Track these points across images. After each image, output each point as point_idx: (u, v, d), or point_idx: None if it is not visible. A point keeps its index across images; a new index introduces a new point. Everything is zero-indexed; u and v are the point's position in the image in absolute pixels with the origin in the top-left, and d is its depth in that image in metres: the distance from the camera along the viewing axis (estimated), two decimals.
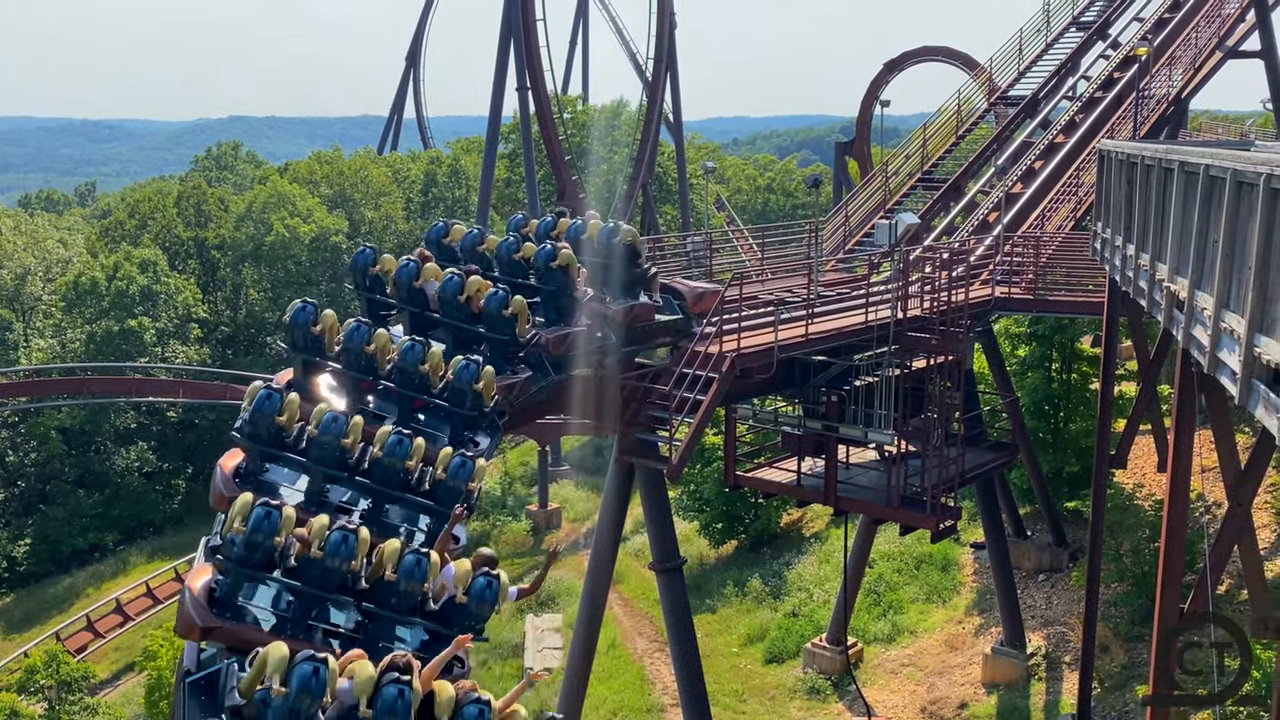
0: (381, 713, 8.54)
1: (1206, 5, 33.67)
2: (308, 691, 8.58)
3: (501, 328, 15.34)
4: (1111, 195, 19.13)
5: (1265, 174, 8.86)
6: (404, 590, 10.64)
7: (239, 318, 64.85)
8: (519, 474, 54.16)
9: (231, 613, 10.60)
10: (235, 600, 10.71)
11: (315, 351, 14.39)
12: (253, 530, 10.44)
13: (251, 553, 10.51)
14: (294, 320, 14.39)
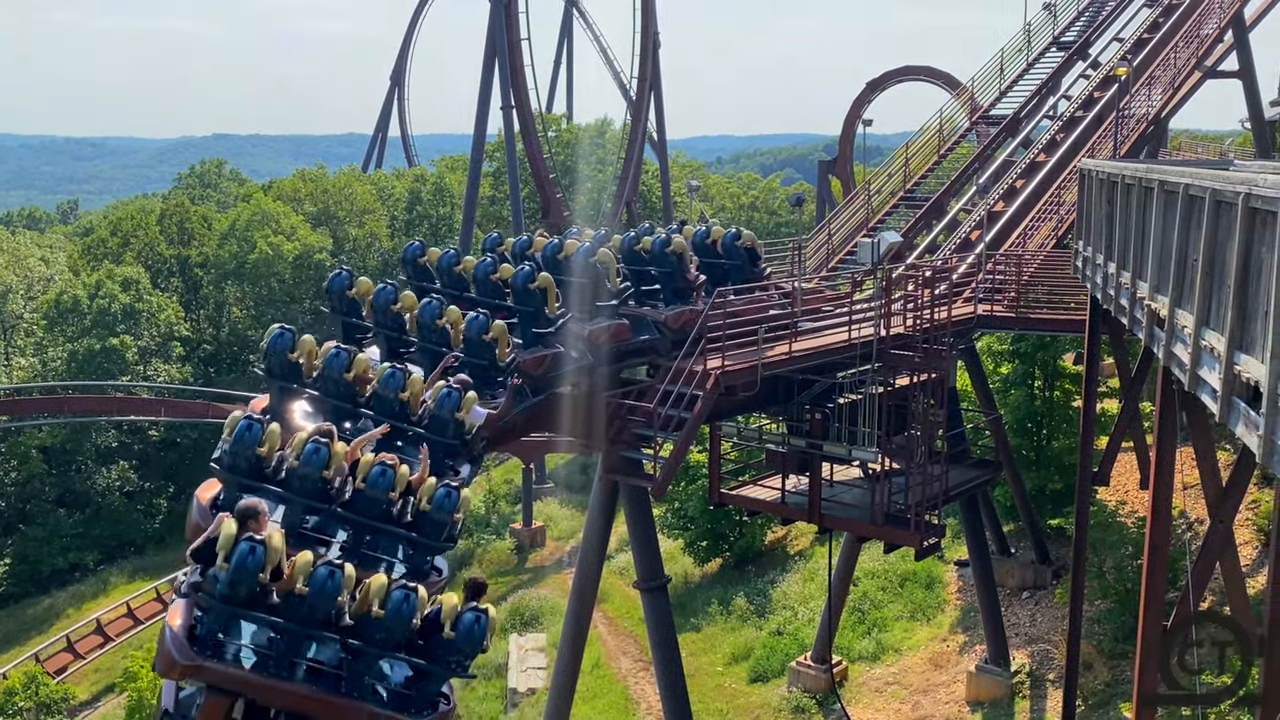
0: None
1: (1185, 26, 34.03)
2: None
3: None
4: (1092, 214, 19.25)
5: (1243, 193, 8.92)
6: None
7: (221, 336, 64.62)
8: (503, 492, 54.00)
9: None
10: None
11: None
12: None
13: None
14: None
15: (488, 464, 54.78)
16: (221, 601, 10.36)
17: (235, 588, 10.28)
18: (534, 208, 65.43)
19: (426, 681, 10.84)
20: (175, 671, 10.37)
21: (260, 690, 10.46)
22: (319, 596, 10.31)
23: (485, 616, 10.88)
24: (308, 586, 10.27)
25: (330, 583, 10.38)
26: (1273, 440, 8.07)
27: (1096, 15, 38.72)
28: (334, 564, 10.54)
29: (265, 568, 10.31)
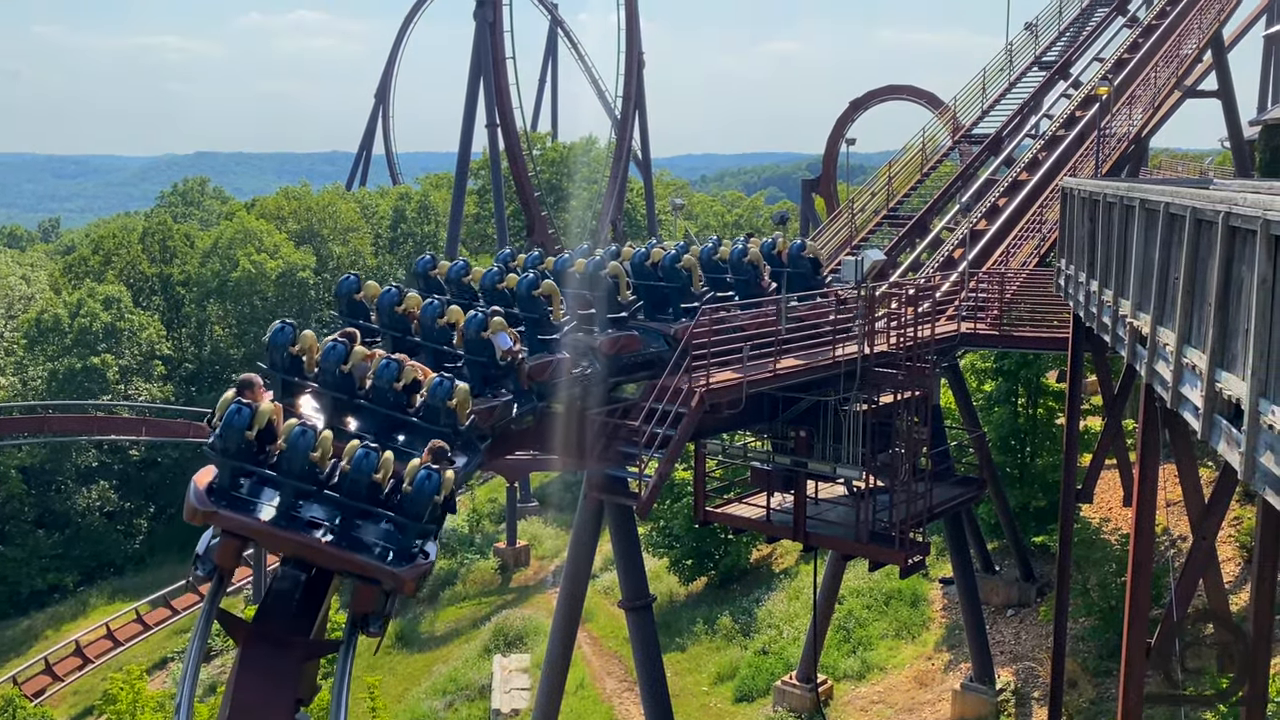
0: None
1: (1165, 46, 34.34)
2: None
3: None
4: (1074, 232, 19.35)
5: (1223, 212, 8.97)
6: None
7: (203, 355, 64.29)
8: (487, 511, 53.76)
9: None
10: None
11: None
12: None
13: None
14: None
15: (472, 484, 54.59)
16: (220, 455, 12.52)
17: (226, 441, 12.49)
18: (519, 226, 65.45)
19: (403, 536, 12.48)
20: (196, 517, 12.58)
21: (263, 536, 12.53)
22: (293, 450, 12.33)
23: (436, 474, 12.55)
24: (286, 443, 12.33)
25: (303, 440, 12.35)
26: (1254, 457, 8.09)
27: (1077, 35, 39.07)
28: (307, 425, 12.50)
29: (253, 426, 12.44)
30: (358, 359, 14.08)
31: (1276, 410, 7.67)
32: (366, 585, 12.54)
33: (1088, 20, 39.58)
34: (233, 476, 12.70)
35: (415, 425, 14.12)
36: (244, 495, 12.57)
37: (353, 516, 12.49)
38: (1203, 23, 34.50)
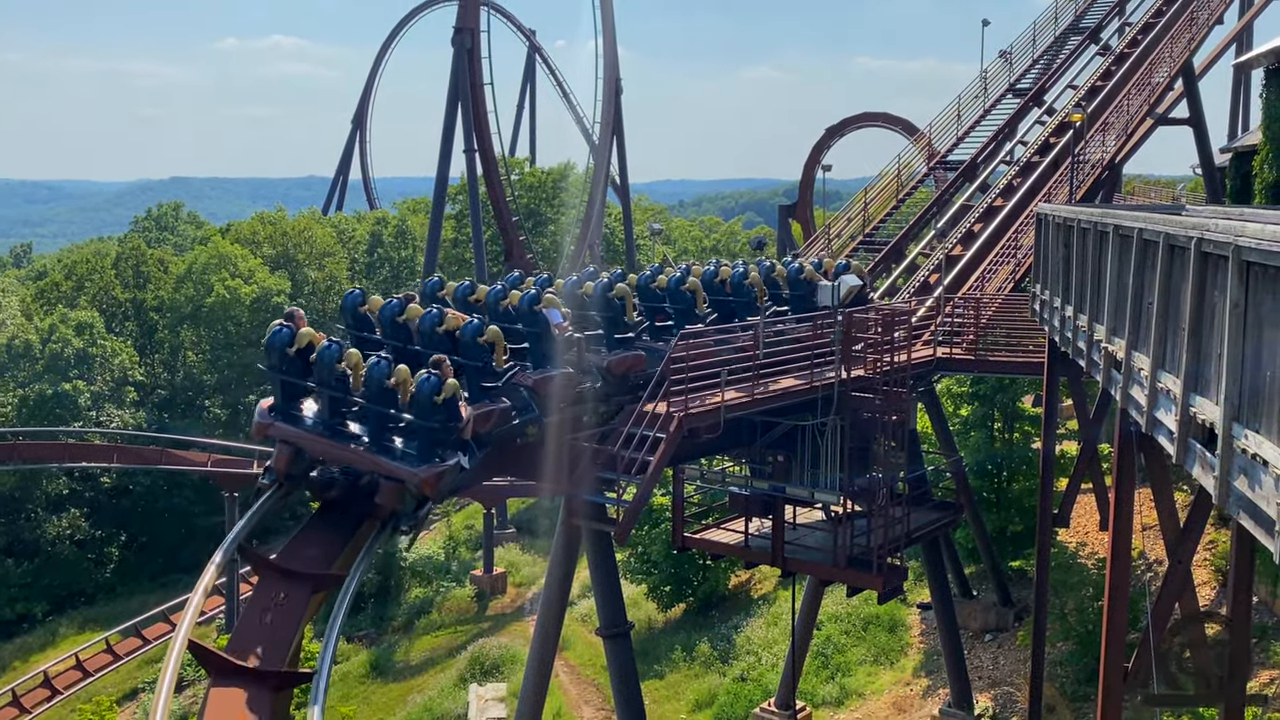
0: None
1: (1137, 74, 34.75)
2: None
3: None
4: (1049, 257, 19.47)
5: (1196, 238, 9.02)
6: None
7: (176, 380, 63.70)
8: (463, 538, 53.41)
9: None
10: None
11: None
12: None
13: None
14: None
15: (448, 510, 54.25)
16: (268, 370, 15.86)
17: (270, 357, 15.64)
18: (496, 250, 65.40)
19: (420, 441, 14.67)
20: (258, 432, 15.74)
21: (307, 441, 15.18)
22: (322, 361, 15.12)
23: (435, 376, 14.61)
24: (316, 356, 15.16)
25: (328, 352, 15.15)
26: (1228, 481, 8.10)
27: (1051, 63, 39.51)
28: (334, 341, 15.31)
29: (293, 344, 15.29)
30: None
31: (1250, 435, 7.68)
32: (391, 484, 14.60)
33: (1061, 48, 40.04)
34: (286, 397, 15.60)
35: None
36: (296, 413, 15.54)
37: (382, 426, 15.01)
38: (1174, 52, 34.95)
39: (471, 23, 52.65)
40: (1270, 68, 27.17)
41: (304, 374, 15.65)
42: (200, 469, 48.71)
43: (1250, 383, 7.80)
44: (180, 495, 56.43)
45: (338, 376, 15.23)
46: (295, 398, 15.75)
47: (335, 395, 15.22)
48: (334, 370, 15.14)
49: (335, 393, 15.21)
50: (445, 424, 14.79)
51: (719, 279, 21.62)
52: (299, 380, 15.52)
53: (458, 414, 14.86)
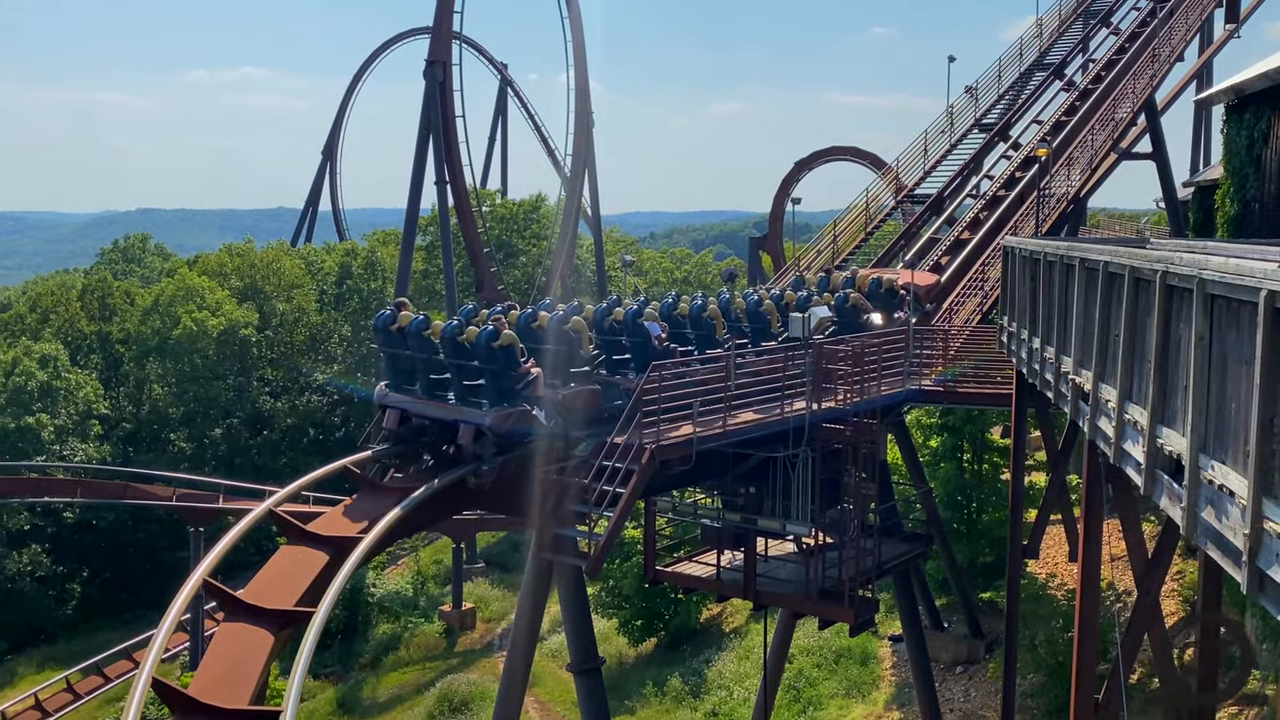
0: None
1: (1100, 110, 35.30)
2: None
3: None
4: (1016, 290, 19.64)
5: (1161, 271, 9.12)
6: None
7: (142, 414, 62.93)
8: (432, 573, 52.90)
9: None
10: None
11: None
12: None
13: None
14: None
15: (416, 544, 53.76)
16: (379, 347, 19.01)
17: (377, 335, 18.86)
18: (467, 282, 65.27)
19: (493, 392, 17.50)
20: (377, 401, 18.35)
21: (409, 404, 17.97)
22: (412, 331, 18.14)
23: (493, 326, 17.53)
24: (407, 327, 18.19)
25: (415, 322, 18.18)
26: (1195, 512, 8.14)
27: (1016, 99, 40.08)
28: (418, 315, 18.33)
29: (395, 323, 18.21)
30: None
31: (1216, 465, 7.74)
32: (469, 426, 17.15)
33: (1026, 84, 40.64)
34: (394, 371, 18.58)
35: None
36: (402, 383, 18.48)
37: (467, 388, 17.73)
38: (1136, 88, 35.55)
39: (443, 56, 52.76)
40: (1230, 104, 27.68)
41: (403, 347, 18.53)
42: (165, 503, 48.04)
43: (1216, 414, 7.86)
44: (145, 530, 55.63)
45: (426, 343, 18.14)
46: (400, 371, 18.63)
47: (425, 359, 18.05)
48: (422, 338, 18.07)
49: (421, 354, 18.05)
50: (507, 371, 17.42)
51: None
52: (400, 351, 18.41)
53: (516, 361, 17.56)
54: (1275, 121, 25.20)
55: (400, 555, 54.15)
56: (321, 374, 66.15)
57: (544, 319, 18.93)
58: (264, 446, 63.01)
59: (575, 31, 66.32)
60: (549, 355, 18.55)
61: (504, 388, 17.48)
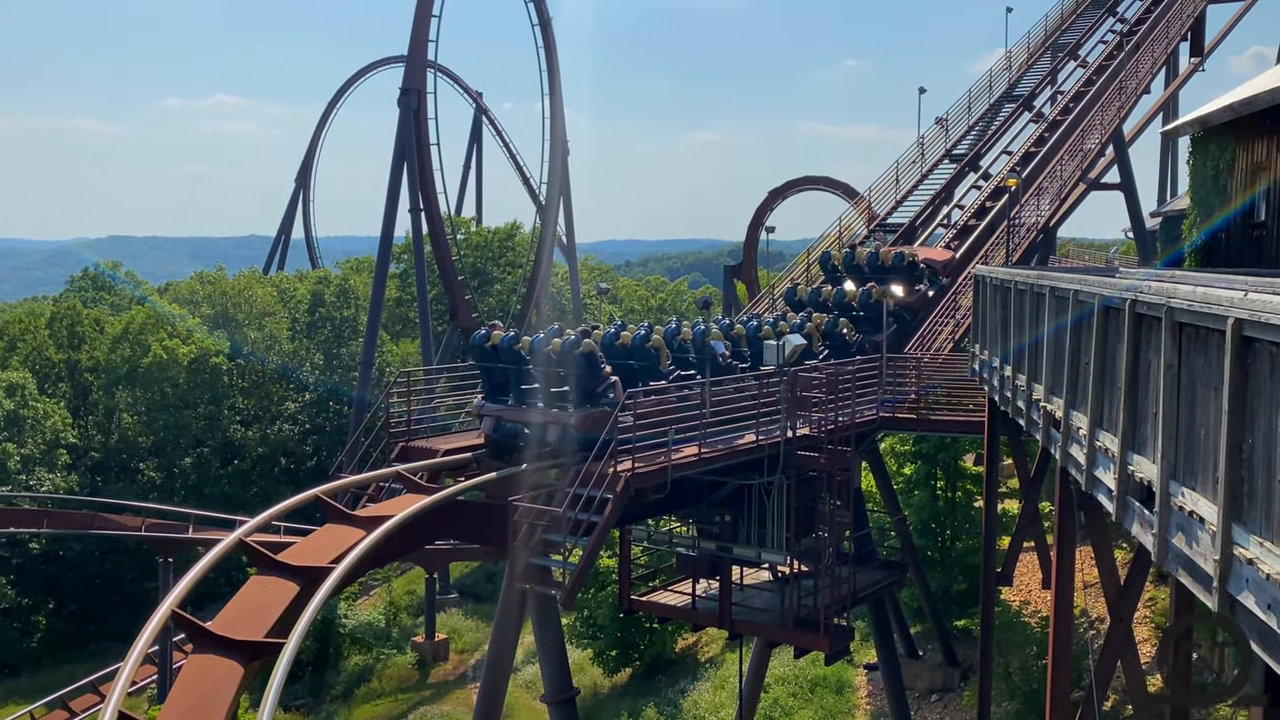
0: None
1: (1069, 141, 35.79)
2: None
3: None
4: (987, 318, 19.80)
5: (1130, 299, 9.22)
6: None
7: (110, 443, 62.19)
8: (405, 604, 52.39)
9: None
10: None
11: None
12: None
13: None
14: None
15: (389, 574, 53.28)
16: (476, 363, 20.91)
17: (473, 354, 20.94)
18: (441, 310, 65.15)
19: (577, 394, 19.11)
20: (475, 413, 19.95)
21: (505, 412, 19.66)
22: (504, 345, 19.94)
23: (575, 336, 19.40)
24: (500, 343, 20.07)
25: (507, 338, 20.10)
26: (1166, 539, 8.19)
27: (986, 130, 40.57)
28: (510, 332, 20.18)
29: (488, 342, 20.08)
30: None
31: (1186, 492, 7.79)
32: (557, 427, 18.74)
33: (995, 115, 41.17)
34: (490, 385, 20.43)
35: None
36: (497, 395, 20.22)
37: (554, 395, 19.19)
38: (1104, 120, 36.08)
39: (418, 84, 52.90)
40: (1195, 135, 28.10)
41: (496, 361, 20.44)
42: (134, 533, 47.40)
43: (1185, 441, 7.93)
44: (113, 561, 54.85)
45: (517, 357, 19.98)
46: (494, 384, 20.49)
47: (516, 370, 19.90)
48: (513, 352, 19.91)
49: (513, 366, 19.90)
50: (589, 376, 19.01)
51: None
52: (494, 365, 20.29)
53: (598, 368, 19.20)
54: (1240, 153, 25.62)
55: (373, 585, 53.64)
56: (293, 402, 65.72)
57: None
58: (234, 476, 62.40)
59: (550, 60, 66.64)
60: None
61: (587, 391, 19.07)
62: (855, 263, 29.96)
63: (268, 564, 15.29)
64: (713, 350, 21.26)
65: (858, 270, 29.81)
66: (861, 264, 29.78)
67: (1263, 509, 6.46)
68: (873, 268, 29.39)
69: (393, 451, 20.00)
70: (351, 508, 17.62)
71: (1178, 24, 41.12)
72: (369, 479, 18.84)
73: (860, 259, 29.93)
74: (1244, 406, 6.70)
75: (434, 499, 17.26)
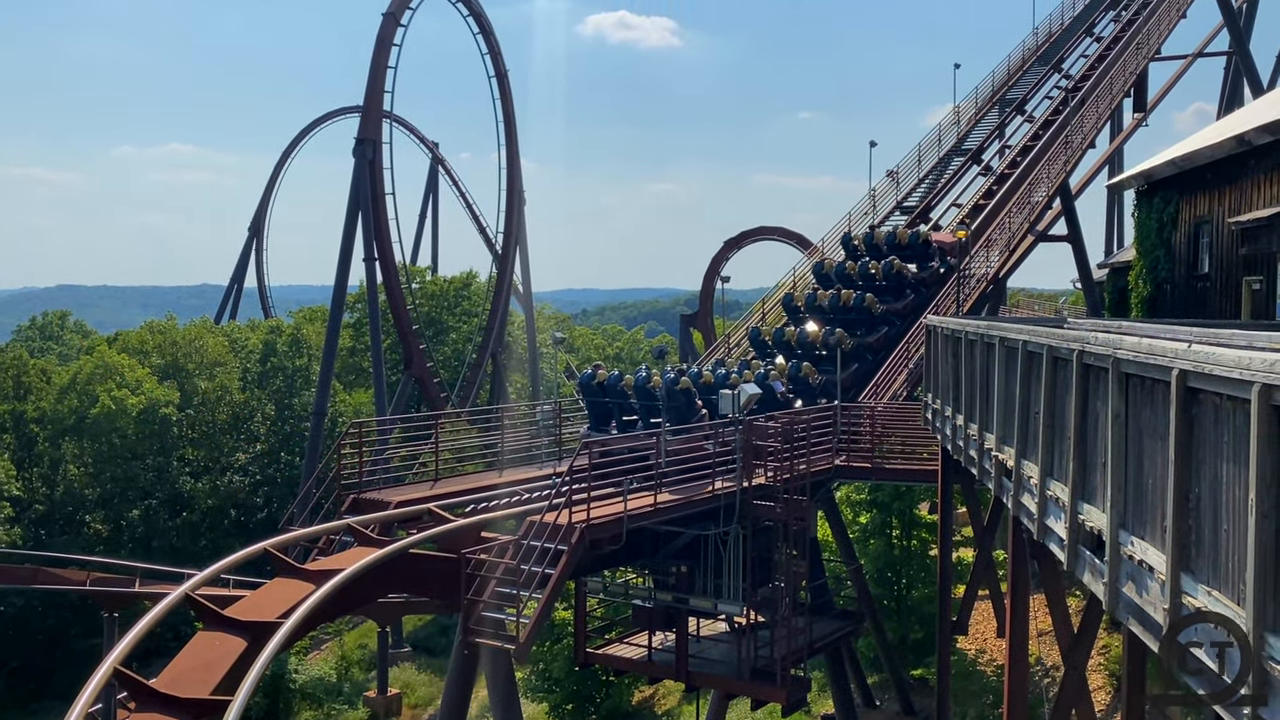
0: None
1: (1017, 194, 36.45)
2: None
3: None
4: (939, 368, 20.00)
5: (1078, 350, 9.35)
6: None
7: (56, 496, 60.85)
8: (356, 658, 51.44)
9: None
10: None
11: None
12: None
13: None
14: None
15: (341, 628, 52.38)
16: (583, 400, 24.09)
17: (582, 393, 24.04)
18: (396, 359, 64.74)
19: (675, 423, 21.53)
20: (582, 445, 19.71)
21: (611, 442, 20.58)
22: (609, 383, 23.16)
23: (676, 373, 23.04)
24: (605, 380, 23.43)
25: (612, 376, 23.46)
26: (1116, 588, 8.25)
27: (936, 182, 41.24)
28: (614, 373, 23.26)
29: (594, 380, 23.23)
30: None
31: (1136, 541, 7.86)
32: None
33: (945, 168, 41.88)
34: (595, 418, 23.63)
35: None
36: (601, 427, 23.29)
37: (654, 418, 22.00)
38: (1051, 173, 36.83)
39: (373, 134, 52.93)
40: (1140, 189, 28.79)
41: (601, 397, 23.65)
42: (78, 588, 46.26)
43: (1134, 490, 8.02)
44: (56, 616, 53.43)
45: (620, 393, 23.16)
46: (599, 416, 23.71)
47: (619, 404, 23.02)
48: (617, 389, 23.05)
49: (615, 400, 23.05)
50: (688, 406, 22.00)
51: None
52: (600, 400, 23.43)
53: (693, 401, 22.22)
54: (1183, 206, 26.26)
55: (324, 639, 52.65)
56: (244, 453, 64.76)
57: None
58: (183, 528, 61.22)
59: (507, 111, 67.04)
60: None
61: (684, 419, 21.57)
62: (874, 242, 33.51)
63: (214, 619, 14.99)
64: (773, 389, 24.26)
65: (876, 249, 33.26)
66: (880, 243, 33.35)
67: (1210, 558, 6.53)
68: (891, 246, 33.11)
69: (344, 503, 19.74)
70: (302, 561, 17.34)
71: (1121, 80, 42.20)
72: (319, 531, 18.56)
73: (879, 239, 33.50)
74: (1190, 456, 6.79)
75: (385, 552, 17.02)
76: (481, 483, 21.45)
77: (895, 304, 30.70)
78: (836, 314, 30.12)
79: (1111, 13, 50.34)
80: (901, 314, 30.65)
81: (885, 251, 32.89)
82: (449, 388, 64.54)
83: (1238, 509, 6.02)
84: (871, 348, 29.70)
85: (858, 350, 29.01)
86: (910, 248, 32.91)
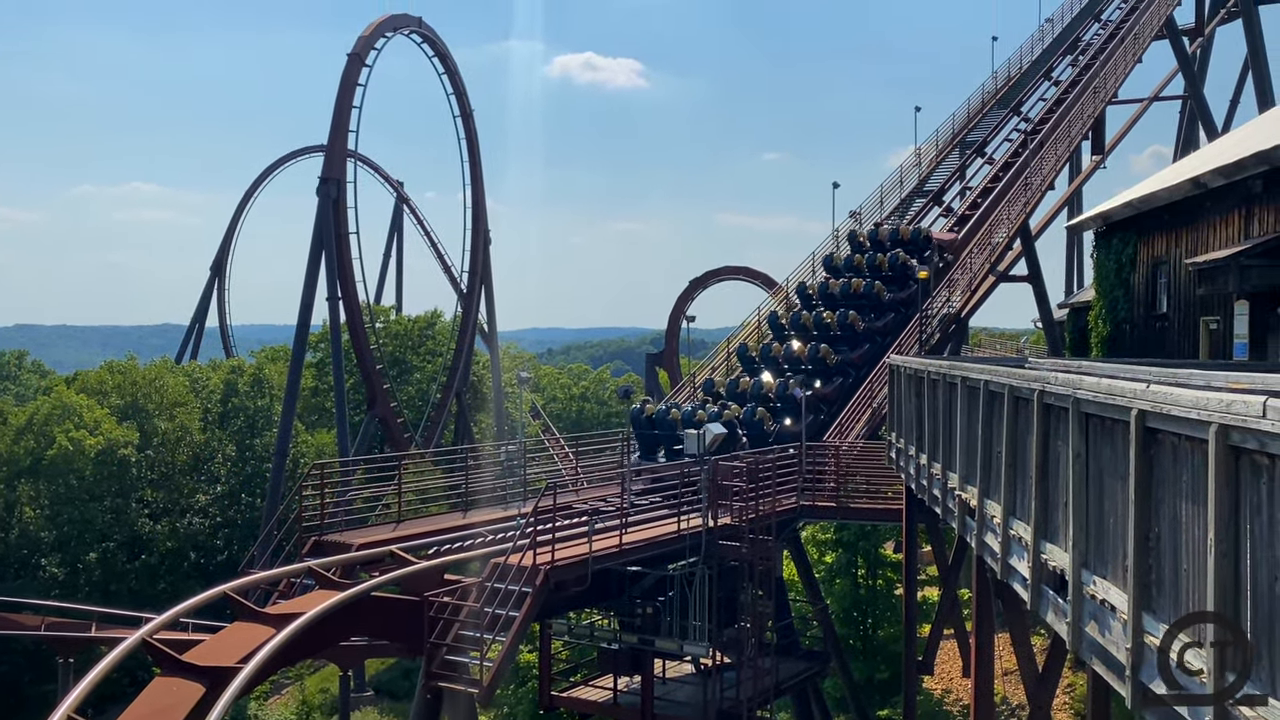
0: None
1: (978, 234, 36.92)
2: None
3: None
4: (902, 407, 20.11)
5: (1038, 390, 9.44)
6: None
7: (10, 538, 59.61)
8: (318, 702, 50.52)
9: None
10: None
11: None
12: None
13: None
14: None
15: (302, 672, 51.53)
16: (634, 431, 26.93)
17: (632, 425, 26.93)
18: (359, 399, 64.24)
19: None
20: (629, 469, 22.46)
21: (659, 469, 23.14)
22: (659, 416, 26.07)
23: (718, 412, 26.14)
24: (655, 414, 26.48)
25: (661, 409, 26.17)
26: (1079, 627, 8.27)
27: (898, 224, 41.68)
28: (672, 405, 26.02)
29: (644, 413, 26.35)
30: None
31: (1098, 580, 7.90)
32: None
33: (907, 210, 42.37)
34: (644, 448, 26.20)
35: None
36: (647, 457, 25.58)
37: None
38: (1011, 214, 37.35)
39: (337, 173, 52.86)
40: (1099, 230, 29.25)
41: (650, 428, 26.39)
42: (33, 633, 45.21)
43: (1096, 530, 8.06)
44: (8, 662, 52.15)
45: (669, 425, 25.62)
46: (647, 446, 26.22)
47: (667, 435, 25.40)
48: (666, 421, 25.76)
49: (664, 432, 25.59)
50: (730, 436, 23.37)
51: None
52: (649, 432, 26.10)
53: (736, 432, 24.91)
54: (1141, 247, 26.70)
55: (285, 684, 51.75)
56: (204, 495, 63.85)
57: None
58: (142, 571, 60.12)
59: (472, 151, 67.21)
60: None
61: (725, 448, 22.77)
62: (879, 238, 35.73)
63: (172, 664, 14.71)
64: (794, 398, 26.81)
65: (880, 245, 35.35)
66: (884, 239, 35.51)
67: (1170, 597, 6.56)
68: (894, 241, 35.29)
69: (305, 546, 19.48)
70: (262, 604, 17.08)
71: (1079, 123, 42.97)
72: (280, 574, 18.30)
73: (883, 235, 35.69)
74: (1149, 496, 6.84)
75: (347, 595, 16.81)
76: (446, 524, 21.26)
77: (877, 322, 32.14)
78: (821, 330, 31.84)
79: (1069, 57, 51.41)
80: (882, 333, 31.87)
81: (888, 247, 35.23)
82: (413, 428, 64.11)
83: (1197, 548, 6.07)
84: (855, 363, 30.76)
85: (841, 365, 30.24)
86: (912, 242, 35.34)
